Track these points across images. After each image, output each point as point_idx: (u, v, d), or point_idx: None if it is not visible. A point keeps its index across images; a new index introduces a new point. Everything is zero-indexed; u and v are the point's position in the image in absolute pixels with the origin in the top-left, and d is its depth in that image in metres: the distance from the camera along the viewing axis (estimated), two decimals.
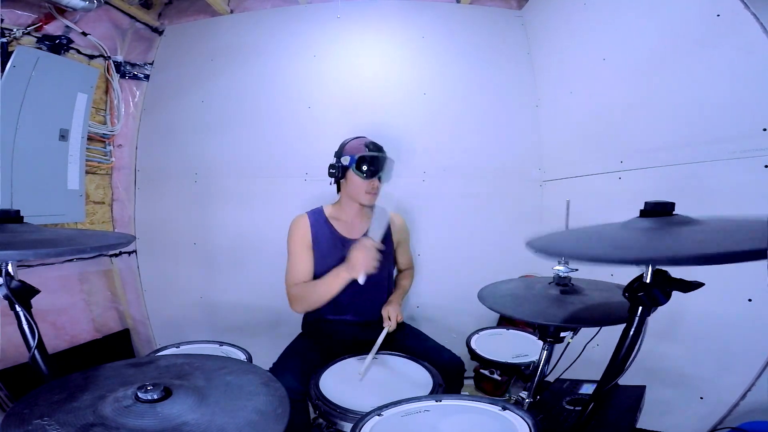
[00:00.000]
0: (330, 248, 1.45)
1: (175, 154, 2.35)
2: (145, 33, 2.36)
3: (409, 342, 1.45)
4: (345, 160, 1.45)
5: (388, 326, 1.40)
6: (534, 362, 1.11)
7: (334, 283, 1.32)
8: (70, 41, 1.96)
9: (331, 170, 1.48)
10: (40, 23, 1.83)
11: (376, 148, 1.47)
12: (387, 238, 1.58)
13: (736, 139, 1.21)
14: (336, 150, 1.52)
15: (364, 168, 1.43)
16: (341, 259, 1.35)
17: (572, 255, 0.69)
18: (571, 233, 0.86)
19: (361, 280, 1.27)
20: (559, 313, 0.92)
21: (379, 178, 1.47)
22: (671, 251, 0.63)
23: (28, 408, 0.61)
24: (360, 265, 1.26)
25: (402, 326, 1.56)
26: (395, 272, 1.71)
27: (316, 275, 1.43)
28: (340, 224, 1.51)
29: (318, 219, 1.50)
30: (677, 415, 1.31)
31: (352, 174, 1.44)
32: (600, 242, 0.74)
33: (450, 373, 1.29)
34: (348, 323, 1.50)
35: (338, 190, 1.56)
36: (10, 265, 0.75)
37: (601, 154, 1.80)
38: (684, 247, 0.64)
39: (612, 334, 0.79)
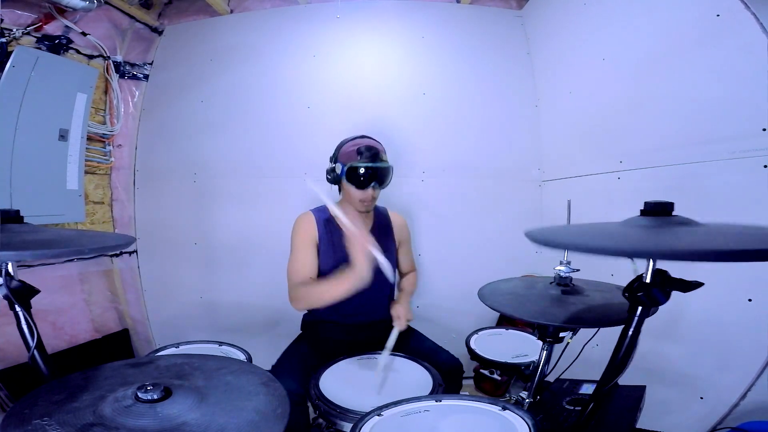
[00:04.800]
0: (336, 246, 1.43)
1: (175, 154, 2.35)
2: (145, 33, 2.36)
3: (407, 342, 1.44)
4: (338, 168, 1.39)
5: (399, 326, 1.35)
6: (534, 362, 1.12)
7: (338, 290, 1.24)
8: (70, 41, 1.95)
9: (327, 176, 1.44)
10: (40, 23, 1.83)
11: (370, 155, 1.35)
12: (388, 236, 1.57)
13: (735, 139, 1.21)
14: (332, 152, 1.47)
15: (356, 179, 1.36)
16: (345, 257, 1.31)
17: (570, 246, 0.68)
18: (570, 227, 0.86)
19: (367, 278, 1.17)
20: (560, 313, 0.92)
21: (374, 186, 1.38)
22: (670, 246, 0.63)
23: (28, 408, 0.61)
24: (363, 269, 1.15)
25: None
26: (397, 276, 1.66)
27: (321, 272, 1.42)
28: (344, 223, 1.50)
29: (323, 217, 1.48)
30: (677, 415, 1.31)
31: (345, 182, 1.39)
32: (599, 235, 0.74)
33: (448, 373, 1.29)
34: (348, 324, 1.50)
35: (339, 189, 1.55)
36: (10, 265, 0.75)
37: (601, 153, 1.80)
38: (683, 242, 0.64)
39: (611, 334, 0.79)
